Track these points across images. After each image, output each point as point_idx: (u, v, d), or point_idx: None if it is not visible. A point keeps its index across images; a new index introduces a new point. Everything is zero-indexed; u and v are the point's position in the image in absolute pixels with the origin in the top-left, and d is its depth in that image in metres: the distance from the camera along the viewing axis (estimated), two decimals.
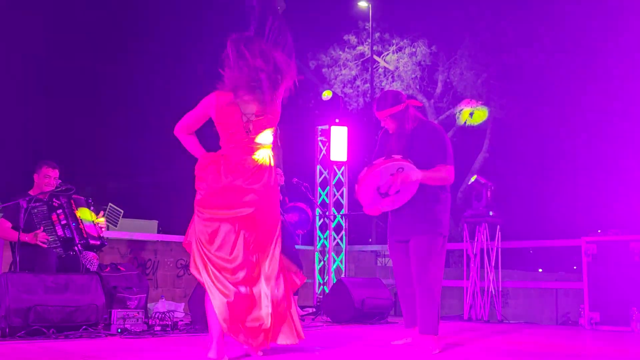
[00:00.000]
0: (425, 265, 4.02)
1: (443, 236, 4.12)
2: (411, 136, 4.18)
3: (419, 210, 4.11)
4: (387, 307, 6.50)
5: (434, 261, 4.04)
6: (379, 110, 4.28)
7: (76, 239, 5.20)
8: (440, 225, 4.10)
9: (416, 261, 4.06)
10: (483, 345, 4.49)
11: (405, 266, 4.21)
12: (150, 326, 4.81)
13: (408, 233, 4.15)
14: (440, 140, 4.18)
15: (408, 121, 4.20)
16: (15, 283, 4.26)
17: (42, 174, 5.34)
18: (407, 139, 4.18)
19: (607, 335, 5.45)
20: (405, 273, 4.22)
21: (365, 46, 20.81)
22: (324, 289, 8.06)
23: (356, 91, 21.12)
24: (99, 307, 4.53)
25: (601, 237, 6.24)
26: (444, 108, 21.42)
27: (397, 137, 4.22)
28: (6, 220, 5.23)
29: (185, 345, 4.07)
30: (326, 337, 4.94)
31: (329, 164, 8.77)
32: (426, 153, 4.12)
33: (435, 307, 3.99)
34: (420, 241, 4.06)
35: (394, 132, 4.26)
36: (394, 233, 4.30)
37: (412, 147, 4.15)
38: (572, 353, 4.24)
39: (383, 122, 4.31)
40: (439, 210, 4.13)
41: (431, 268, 4.02)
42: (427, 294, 3.99)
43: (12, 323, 4.15)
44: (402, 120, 4.20)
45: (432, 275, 4.02)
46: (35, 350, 3.65)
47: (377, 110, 4.30)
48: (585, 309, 6.25)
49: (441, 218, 4.12)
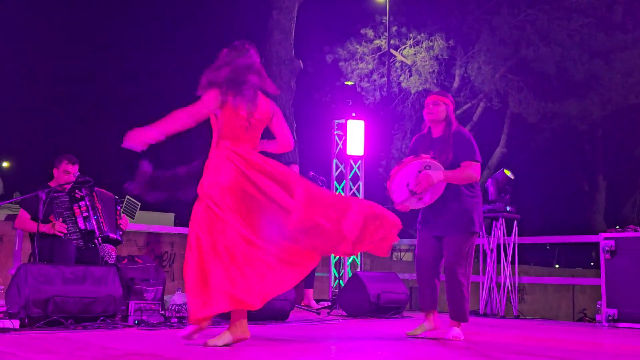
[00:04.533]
0: (459, 262, 4.29)
1: (475, 234, 4.36)
2: (447, 139, 4.37)
3: (453, 209, 4.32)
4: (402, 301, 6.49)
5: (466, 258, 4.32)
6: (439, 94, 4.50)
7: (96, 232, 5.25)
8: (473, 224, 4.32)
9: (450, 257, 4.32)
10: (499, 340, 4.48)
11: (432, 258, 4.44)
12: (167, 318, 4.84)
13: (442, 230, 4.37)
14: (467, 139, 4.37)
15: (454, 121, 4.43)
16: (35, 274, 4.30)
17: (62, 169, 5.37)
18: (443, 141, 4.37)
19: (624, 333, 5.40)
20: (431, 264, 4.45)
21: (382, 40, 20.72)
22: (340, 283, 8.07)
23: (373, 85, 21.06)
24: (116, 298, 4.57)
25: (619, 234, 6.18)
26: (461, 102, 21.30)
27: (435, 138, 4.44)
28: (25, 212, 5.28)
29: (202, 338, 4.10)
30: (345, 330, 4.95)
31: (346, 158, 8.76)
32: (455, 154, 4.32)
33: (466, 299, 4.35)
34: (454, 239, 4.31)
35: (435, 128, 4.45)
36: (426, 226, 4.48)
37: (444, 150, 4.35)
38: (589, 350, 4.21)
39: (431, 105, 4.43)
40: (471, 209, 4.33)
41: (464, 264, 4.30)
42: (459, 287, 4.30)
43: (31, 313, 4.20)
44: (450, 118, 4.42)
45: (465, 271, 4.31)
46: (54, 341, 3.69)
47: (437, 94, 4.51)
48: (602, 306, 6.21)
49: (474, 217, 4.33)
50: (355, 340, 4.30)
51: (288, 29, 12.60)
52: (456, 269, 4.29)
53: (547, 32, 18.92)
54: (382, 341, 4.23)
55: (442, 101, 4.43)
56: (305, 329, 4.98)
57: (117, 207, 5.57)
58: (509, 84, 20.08)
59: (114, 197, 5.61)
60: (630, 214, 23.50)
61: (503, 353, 3.81)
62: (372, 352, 3.64)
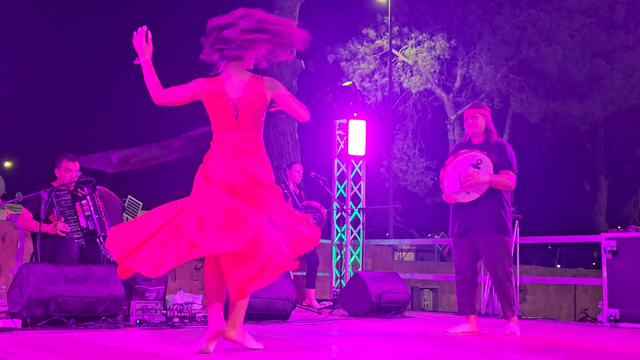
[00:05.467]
0: (500, 262, 4.64)
1: (509, 236, 4.72)
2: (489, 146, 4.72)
3: (489, 211, 4.66)
4: (404, 301, 6.49)
5: (506, 258, 4.66)
6: (476, 107, 4.84)
7: (98, 231, 5.26)
8: (506, 227, 4.68)
9: (490, 258, 4.67)
10: (501, 340, 4.48)
11: (470, 267, 4.80)
12: (169, 318, 4.84)
13: (477, 231, 4.68)
14: (506, 150, 4.73)
15: (493, 129, 4.79)
16: (36, 273, 4.31)
17: (62, 167, 5.39)
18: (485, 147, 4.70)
19: (626, 333, 5.40)
20: (470, 272, 4.81)
21: (384, 40, 20.72)
22: (341, 283, 8.07)
23: (375, 85, 21.06)
24: (118, 298, 4.57)
25: (621, 234, 6.17)
26: (462, 103, 21.29)
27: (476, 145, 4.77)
28: (28, 211, 5.29)
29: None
30: (346, 329, 4.95)
31: (347, 157, 8.76)
32: (494, 161, 4.65)
33: (512, 295, 4.68)
34: (491, 241, 4.64)
35: (476, 138, 4.80)
36: (461, 229, 4.78)
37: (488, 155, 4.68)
38: (591, 350, 4.21)
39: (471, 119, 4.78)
40: (506, 214, 4.70)
41: (503, 263, 4.64)
42: (504, 284, 4.66)
43: (33, 313, 4.20)
44: (490, 127, 4.77)
45: (506, 270, 4.65)
46: (56, 340, 3.69)
47: (474, 108, 4.84)
48: (604, 306, 6.20)
49: (507, 221, 4.70)
50: (356, 340, 4.30)
51: None
52: (497, 270, 4.64)
53: (549, 32, 18.92)
54: (383, 341, 4.23)
55: (480, 113, 4.79)
56: (307, 328, 4.98)
57: (122, 213, 5.60)
58: (511, 84, 20.08)
59: (120, 202, 5.64)
60: (632, 213, 23.50)
61: (505, 353, 3.81)
62: (373, 352, 3.64)
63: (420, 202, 25.36)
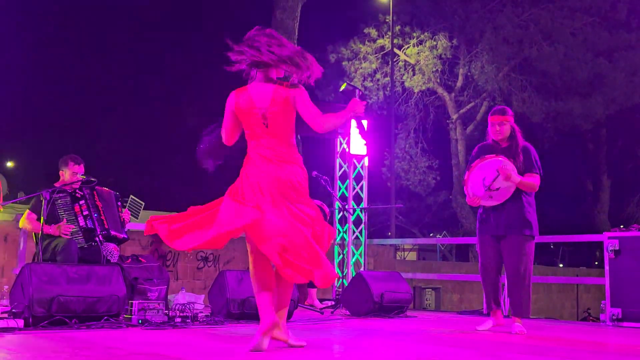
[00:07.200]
0: (521, 261, 4.79)
1: (533, 237, 4.88)
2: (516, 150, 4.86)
3: (514, 212, 4.82)
4: (406, 301, 6.49)
5: (527, 258, 4.82)
6: (502, 114, 4.94)
7: (97, 230, 5.26)
8: (531, 228, 4.84)
9: (512, 257, 4.82)
10: (503, 340, 4.47)
11: (495, 264, 4.98)
12: (171, 318, 4.84)
13: (503, 230, 4.84)
14: (532, 153, 4.90)
15: (518, 132, 4.92)
16: (38, 273, 4.31)
17: (69, 170, 5.39)
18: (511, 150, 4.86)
19: (629, 332, 5.39)
20: (495, 270, 4.99)
21: (386, 39, 20.71)
22: (343, 282, 8.07)
23: (376, 84, 21.05)
24: (120, 298, 4.57)
25: (623, 233, 6.16)
26: (464, 102, 21.27)
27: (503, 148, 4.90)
28: (32, 213, 5.31)
29: (205, 337, 4.10)
30: (348, 329, 4.95)
31: (349, 157, 8.76)
32: (520, 164, 4.82)
33: (528, 295, 4.83)
34: (515, 241, 4.81)
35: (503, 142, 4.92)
36: (486, 227, 4.97)
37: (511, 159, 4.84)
38: (594, 350, 4.20)
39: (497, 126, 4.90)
40: (530, 214, 4.87)
41: (524, 263, 4.80)
42: (522, 283, 4.80)
43: (35, 313, 4.21)
44: (515, 131, 4.90)
45: (526, 269, 4.80)
46: (58, 340, 3.70)
47: (500, 115, 4.94)
48: (607, 305, 6.19)
49: (532, 222, 4.86)
50: (358, 339, 4.29)
51: (291, 28, 12.61)
52: (518, 269, 4.78)
53: (551, 31, 18.89)
54: (385, 340, 4.22)
55: (506, 120, 4.93)
56: (309, 328, 4.98)
57: (117, 202, 5.57)
58: (513, 83, 20.05)
59: (113, 193, 5.61)
60: (635, 213, 23.47)
61: (507, 352, 3.81)
62: (375, 352, 3.64)
63: (422, 202, 25.35)
